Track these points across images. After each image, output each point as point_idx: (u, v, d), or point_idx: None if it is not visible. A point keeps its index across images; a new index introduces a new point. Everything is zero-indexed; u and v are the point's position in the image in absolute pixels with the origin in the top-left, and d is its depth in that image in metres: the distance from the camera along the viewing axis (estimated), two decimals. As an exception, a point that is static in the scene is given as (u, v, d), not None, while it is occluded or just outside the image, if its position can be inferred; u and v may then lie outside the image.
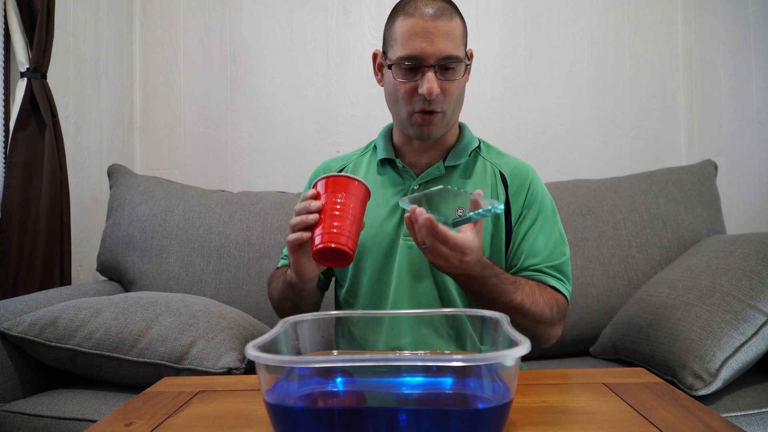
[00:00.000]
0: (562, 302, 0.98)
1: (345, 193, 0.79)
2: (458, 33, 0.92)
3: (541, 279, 0.97)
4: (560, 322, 0.98)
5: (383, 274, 0.99)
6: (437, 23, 0.90)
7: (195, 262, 1.56)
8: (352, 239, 0.78)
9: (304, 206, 0.80)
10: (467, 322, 0.70)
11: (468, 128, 1.07)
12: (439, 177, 1.01)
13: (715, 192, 1.60)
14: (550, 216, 1.02)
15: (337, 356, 0.65)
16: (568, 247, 1.01)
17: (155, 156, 2.02)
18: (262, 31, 1.99)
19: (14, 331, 1.11)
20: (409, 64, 0.91)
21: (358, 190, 0.80)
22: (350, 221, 0.78)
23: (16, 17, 1.48)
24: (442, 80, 0.91)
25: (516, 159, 1.06)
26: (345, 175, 0.81)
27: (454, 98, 0.94)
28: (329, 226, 0.77)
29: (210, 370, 1.08)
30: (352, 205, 0.79)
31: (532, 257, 0.98)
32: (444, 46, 0.90)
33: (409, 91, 0.93)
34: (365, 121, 1.95)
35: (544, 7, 1.95)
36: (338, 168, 1.11)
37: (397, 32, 0.93)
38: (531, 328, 0.93)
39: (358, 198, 0.80)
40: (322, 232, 0.77)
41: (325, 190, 0.80)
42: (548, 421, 0.61)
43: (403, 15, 0.92)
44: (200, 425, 0.62)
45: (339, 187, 0.80)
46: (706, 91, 1.93)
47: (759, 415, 1.04)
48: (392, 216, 1.00)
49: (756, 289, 1.10)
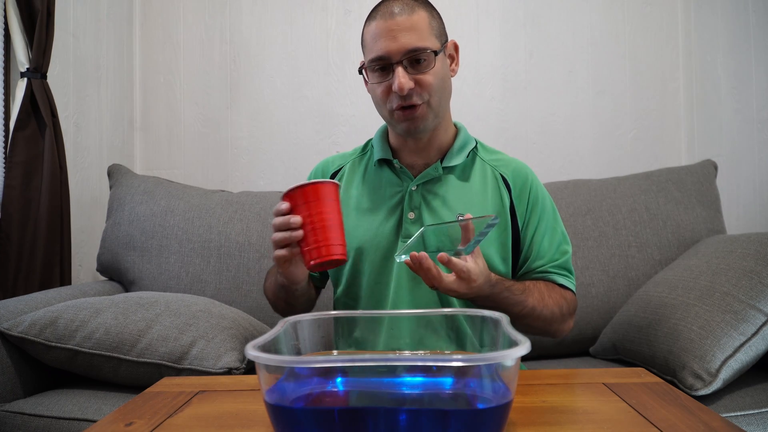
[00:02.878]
0: (571, 297, 1.01)
1: (320, 201, 0.79)
2: (423, 24, 0.93)
3: (548, 278, 1.00)
4: (571, 316, 1.02)
5: (382, 276, 1.00)
6: (397, 20, 0.91)
7: (195, 262, 1.56)
8: (342, 244, 0.80)
9: (282, 222, 0.80)
10: (467, 322, 0.70)
11: (465, 128, 1.08)
12: (437, 178, 1.01)
13: (715, 192, 1.60)
14: (551, 216, 1.03)
15: (337, 356, 0.65)
16: (570, 244, 1.05)
17: (155, 156, 2.02)
18: (262, 31, 1.99)
19: (14, 331, 1.11)
20: (378, 65, 0.94)
21: (330, 193, 0.80)
22: (336, 227, 0.80)
23: (16, 17, 1.48)
24: (415, 73, 0.93)
25: (513, 159, 1.07)
26: (311, 182, 0.80)
27: (433, 88, 0.94)
28: (320, 239, 0.78)
29: (210, 370, 1.08)
30: (331, 210, 0.80)
31: (539, 259, 1.01)
32: (406, 41, 0.91)
33: (385, 91, 0.95)
34: (365, 121, 1.95)
35: (544, 7, 1.95)
36: (336, 168, 1.11)
37: (365, 37, 0.96)
38: (545, 328, 0.98)
39: (333, 200, 0.81)
40: (314, 247, 0.78)
41: (299, 202, 0.80)
42: (548, 421, 0.61)
43: (369, 20, 0.96)
44: (200, 425, 0.62)
45: (312, 196, 0.79)
46: (706, 91, 1.93)
47: (759, 415, 1.04)
48: (390, 218, 1.01)
49: (756, 289, 1.10)
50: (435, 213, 0.99)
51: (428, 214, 0.99)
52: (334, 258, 0.79)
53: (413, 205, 0.99)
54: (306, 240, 0.79)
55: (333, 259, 0.79)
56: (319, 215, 0.79)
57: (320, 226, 0.78)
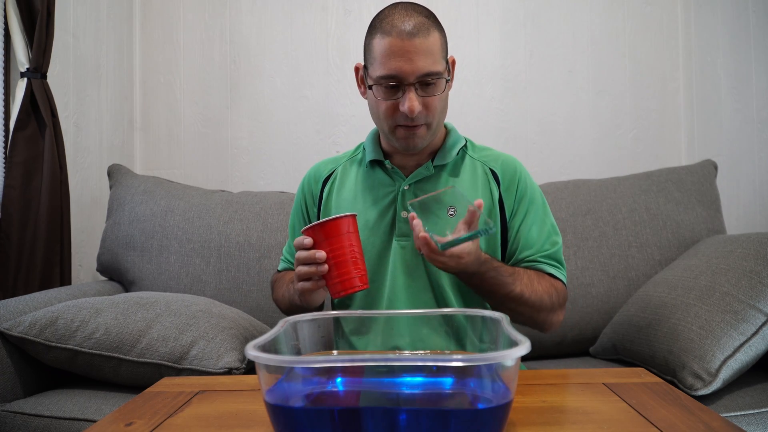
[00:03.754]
0: (561, 288, 1.01)
1: (341, 235, 0.84)
2: (437, 48, 0.92)
3: (537, 267, 1.00)
4: (561, 307, 1.01)
5: (377, 275, 1.01)
6: (414, 42, 0.89)
7: (195, 262, 1.56)
8: (364, 274, 0.86)
9: (308, 256, 0.83)
10: (467, 322, 0.70)
11: (455, 128, 1.09)
12: (429, 176, 1.02)
13: (715, 192, 1.60)
14: (540, 207, 1.04)
15: (337, 356, 0.65)
16: (560, 236, 1.05)
17: (155, 156, 2.02)
18: (262, 31, 1.99)
19: (14, 331, 1.11)
20: (389, 82, 0.92)
21: (350, 226, 0.85)
22: (358, 260, 0.85)
23: (16, 17, 1.48)
24: (424, 96, 0.92)
25: (502, 153, 1.08)
26: (332, 219, 0.84)
27: (437, 111, 0.95)
28: (344, 273, 0.83)
29: (210, 370, 1.08)
30: (351, 243, 0.84)
31: (527, 249, 1.01)
32: (423, 64, 0.90)
33: (390, 108, 0.94)
34: (365, 121, 1.92)
35: (544, 7, 1.95)
36: (328, 172, 1.11)
37: (375, 51, 0.93)
38: (533, 316, 0.97)
39: (353, 232, 0.85)
40: (338, 280, 0.84)
41: (321, 237, 0.84)
42: (548, 421, 0.61)
43: (381, 33, 0.92)
44: (200, 425, 0.62)
45: (333, 231, 0.84)
46: (706, 91, 1.93)
47: (759, 415, 1.04)
48: (383, 217, 1.02)
49: (756, 289, 1.10)
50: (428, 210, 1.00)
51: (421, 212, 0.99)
52: (358, 289, 0.84)
53: (406, 204, 1.00)
54: (330, 273, 0.84)
55: (357, 290, 0.84)
56: (341, 249, 0.83)
57: (343, 260, 0.83)
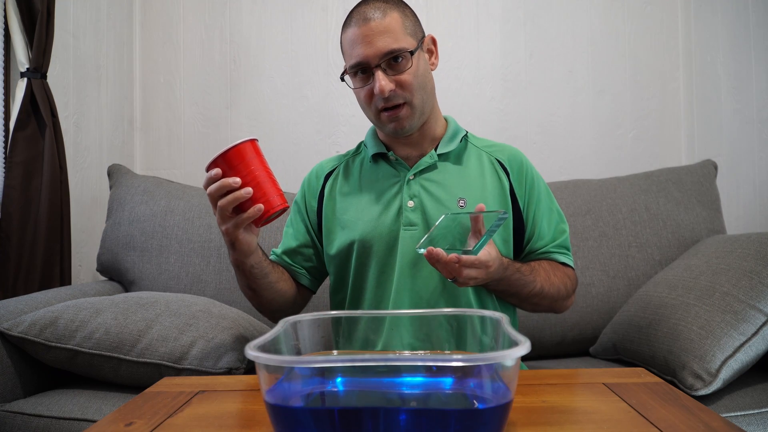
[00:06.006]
0: (572, 275, 1.07)
1: (246, 161, 0.83)
2: (396, 26, 0.95)
3: (551, 258, 1.05)
4: (574, 292, 1.08)
5: (386, 266, 1.02)
6: (370, 25, 0.94)
7: (195, 262, 1.56)
8: (281, 194, 0.85)
9: (222, 185, 0.81)
10: (467, 321, 0.70)
11: (455, 121, 1.11)
12: (433, 166, 1.04)
13: (715, 192, 1.60)
14: (546, 196, 1.08)
15: (337, 356, 0.65)
16: (566, 221, 1.10)
17: (155, 156, 2.02)
18: (262, 31, 1.98)
19: (14, 331, 1.11)
20: (357, 70, 0.97)
21: (252, 150, 0.84)
22: (270, 180, 0.85)
23: (16, 17, 1.48)
24: (394, 74, 0.95)
25: (504, 145, 1.11)
26: (235, 144, 0.83)
27: (414, 87, 0.97)
28: (263, 194, 0.83)
29: (210, 370, 1.08)
30: (259, 166, 0.84)
31: (540, 240, 1.05)
32: (382, 44, 0.94)
33: (368, 95, 0.98)
34: (365, 121, 1.91)
35: (544, 7, 1.95)
36: (330, 168, 1.14)
37: (344, 45, 1.00)
38: (551, 305, 1.04)
39: (256, 157, 0.84)
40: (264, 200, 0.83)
41: (226, 167, 0.83)
42: (548, 421, 0.61)
43: (345, 27, 0.99)
44: (200, 425, 0.62)
45: (239, 157, 0.83)
46: (706, 91, 1.93)
47: (759, 415, 1.04)
48: (389, 208, 1.03)
49: (756, 289, 1.10)
50: (435, 199, 1.01)
51: (428, 201, 1.01)
52: (280, 208, 0.84)
53: (412, 193, 1.02)
54: (247, 203, 0.83)
55: (280, 209, 0.84)
56: (251, 174, 0.83)
57: (256, 183, 0.83)
